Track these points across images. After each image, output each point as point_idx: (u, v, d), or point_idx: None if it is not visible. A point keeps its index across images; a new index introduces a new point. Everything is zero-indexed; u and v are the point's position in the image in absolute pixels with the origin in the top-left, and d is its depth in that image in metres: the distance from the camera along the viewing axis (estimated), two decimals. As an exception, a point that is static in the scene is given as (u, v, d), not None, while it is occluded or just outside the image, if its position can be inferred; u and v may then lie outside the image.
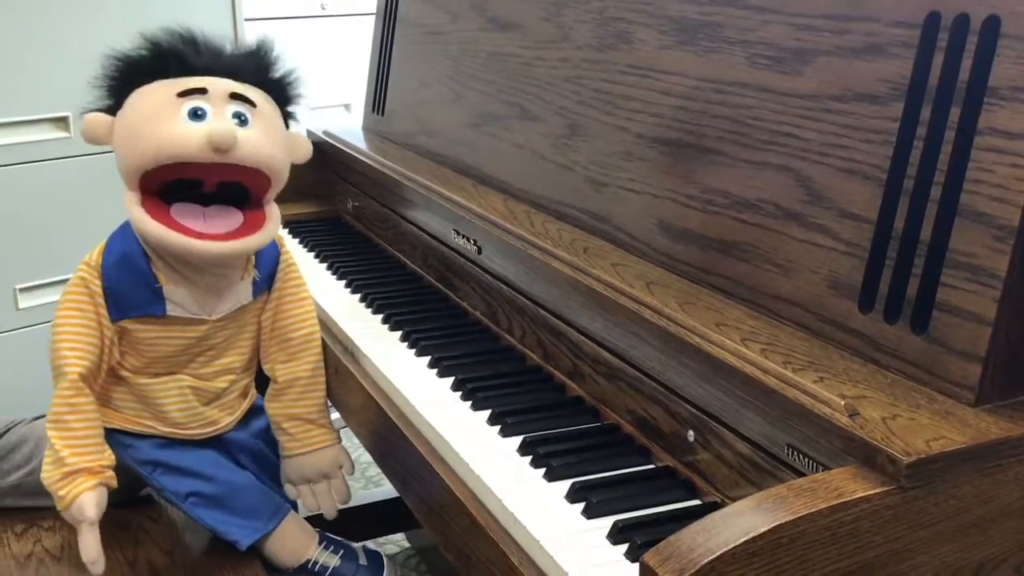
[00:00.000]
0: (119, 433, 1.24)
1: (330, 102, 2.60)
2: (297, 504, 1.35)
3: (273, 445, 1.33)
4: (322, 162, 1.79)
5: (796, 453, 0.84)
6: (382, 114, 1.81)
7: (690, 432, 0.97)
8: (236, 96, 1.14)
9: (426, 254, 1.52)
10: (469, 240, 1.34)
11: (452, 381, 1.18)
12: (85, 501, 1.15)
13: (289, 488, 1.31)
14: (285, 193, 1.22)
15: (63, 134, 1.93)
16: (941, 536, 0.76)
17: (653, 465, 1.01)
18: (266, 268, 1.26)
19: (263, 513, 1.26)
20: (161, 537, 1.30)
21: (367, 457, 2.12)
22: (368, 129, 1.87)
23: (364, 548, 1.35)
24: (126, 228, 1.19)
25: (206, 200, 1.15)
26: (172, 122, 1.11)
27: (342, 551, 1.31)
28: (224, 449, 1.29)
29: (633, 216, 1.15)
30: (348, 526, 1.38)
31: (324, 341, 1.32)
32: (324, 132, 1.82)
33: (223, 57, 1.18)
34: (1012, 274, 0.78)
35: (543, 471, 0.99)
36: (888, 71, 0.89)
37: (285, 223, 1.79)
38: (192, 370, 1.24)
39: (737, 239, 1.01)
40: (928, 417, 0.78)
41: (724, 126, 1.05)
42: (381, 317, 1.37)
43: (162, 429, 1.25)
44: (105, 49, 1.18)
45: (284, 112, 1.23)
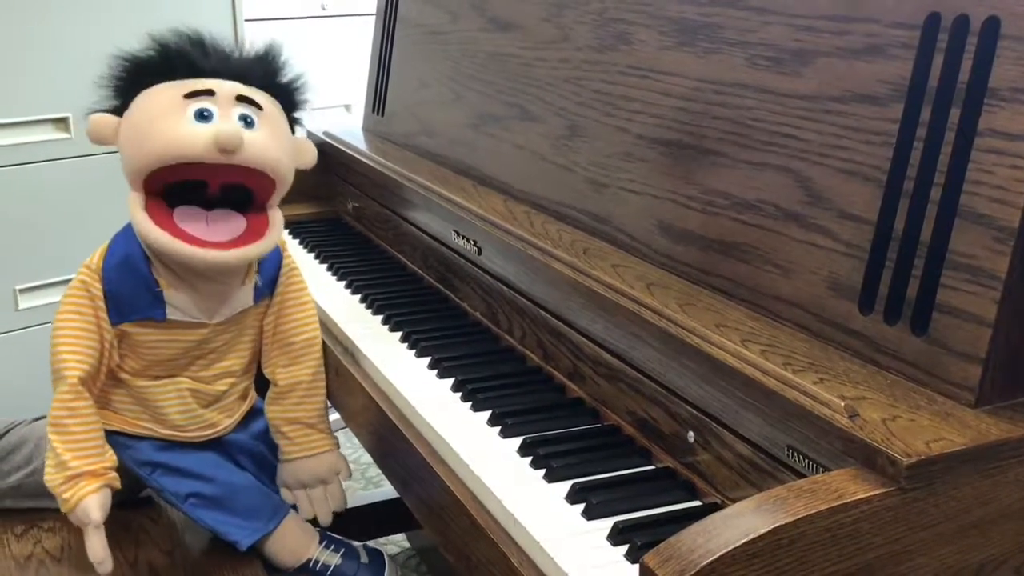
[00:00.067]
0: (118, 435, 1.24)
1: (330, 103, 2.60)
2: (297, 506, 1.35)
3: (273, 446, 1.32)
4: (322, 163, 1.78)
5: (796, 454, 0.84)
6: (382, 115, 1.81)
7: (690, 433, 0.97)
8: (242, 99, 1.15)
9: (426, 255, 1.52)
10: (469, 241, 1.34)
11: (452, 382, 1.18)
12: (89, 504, 1.15)
13: (285, 493, 1.31)
14: (285, 193, 1.22)
15: (63, 135, 1.93)
16: (941, 537, 0.76)
17: (653, 466, 1.01)
18: (268, 272, 1.26)
19: (263, 513, 1.27)
20: (161, 537, 1.30)
21: (367, 458, 2.12)
22: (368, 130, 1.87)
23: (365, 547, 1.35)
24: (128, 231, 1.19)
25: (210, 203, 1.15)
26: (178, 123, 1.11)
27: (343, 550, 1.31)
28: (224, 450, 1.29)
29: (633, 217, 1.15)
30: (348, 526, 1.38)
31: (324, 342, 1.32)
32: (324, 133, 1.82)
33: (231, 60, 1.18)
34: (1012, 275, 0.78)
35: (543, 472, 0.99)
36: (888, 72, 0.89)
37: (285, 224, 1.78)
38: (192, 373, 1.24)
39: (737, 240, 1.01)
40: (928, 418, 0.78)
41: (724, 127, 1.05)
42: (381, 318, 1.37)
43: (161, 431, 1.25)
44: (105, 50, 1.18)
45: (290, 118, 1.23)
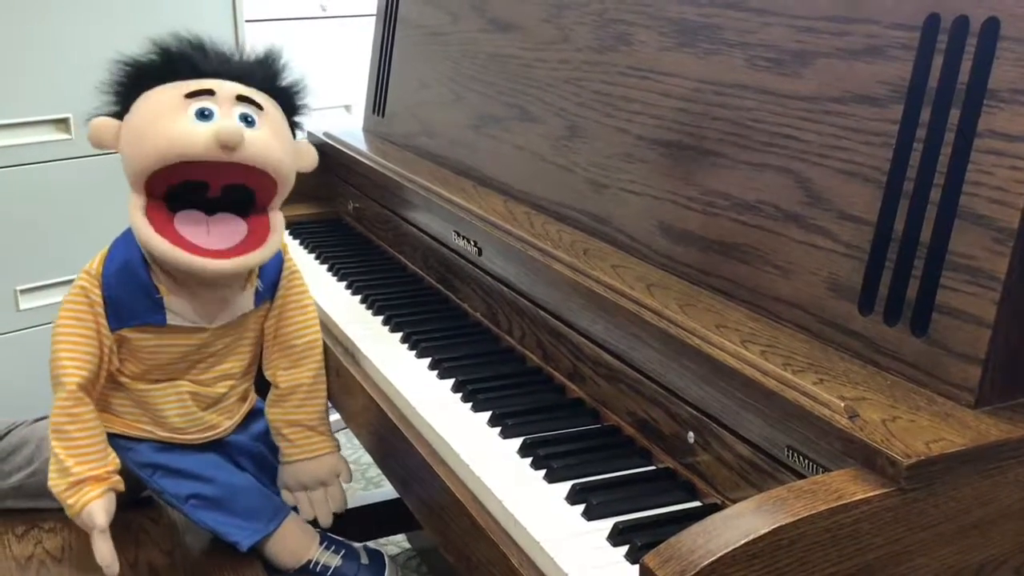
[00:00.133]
0: (118, 437, 1.24)
1: (330, 103, 2.60)
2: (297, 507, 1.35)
3: (273, 447, 1.33)
4: (323, 164, 1.77)
5: (796, 455, 0.84)
6: (382, 115, 1.82)
7: (690, 434, 0.97)
8: (243, 98, 1.15)
9: (426, 255, 1.52)
10: (469, 241, 1.34)
11: (452, 382, 1.18)
12: (94, 509, 1.15)
13: (286, 495, 1.31)
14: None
15: (64, 136, 1.93)
16: (941, 538, 0.76)
17: (653, 467, 1.02)
18: (269, 276, 1.26)
19: (263, 514, 1.27)
20: (162, 538, 1.30)
21: (368, 458, 2.12)
22: (368, 130, 1.87)
23: (365, 547, 1.35)
24: (128, 236, 1.18)
25: (211, 207, 1.15)
26: (179, 122, 1.11)
27: (343, 551, 1.31)
28: (224, 451, 1.30)
29: (633, 218, 1.15)
30: (348, 527, 1.38)
31: (325, 343, 1.32)
32: (324, 133, 1.82)
33: (231, 62, 1.19)
34: (1012, 276, 0.78)
35: (543, 472, 0.99)
36: (888, 73, 0.89)
37: (286, 224, 1.78)
38: (191, 376, 1.24)
39: (737, 241, 1.01)
40: (928, 419, 0.78)
41: (724, 128, 1.05)
42: (382, 318, 1.37)
43: (161, 434, 1.25)
44: (106, 51, 1.18)
45: (291, 121, 1.23)
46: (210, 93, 1.13)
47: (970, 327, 0.80)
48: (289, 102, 1.22)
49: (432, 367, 1.22)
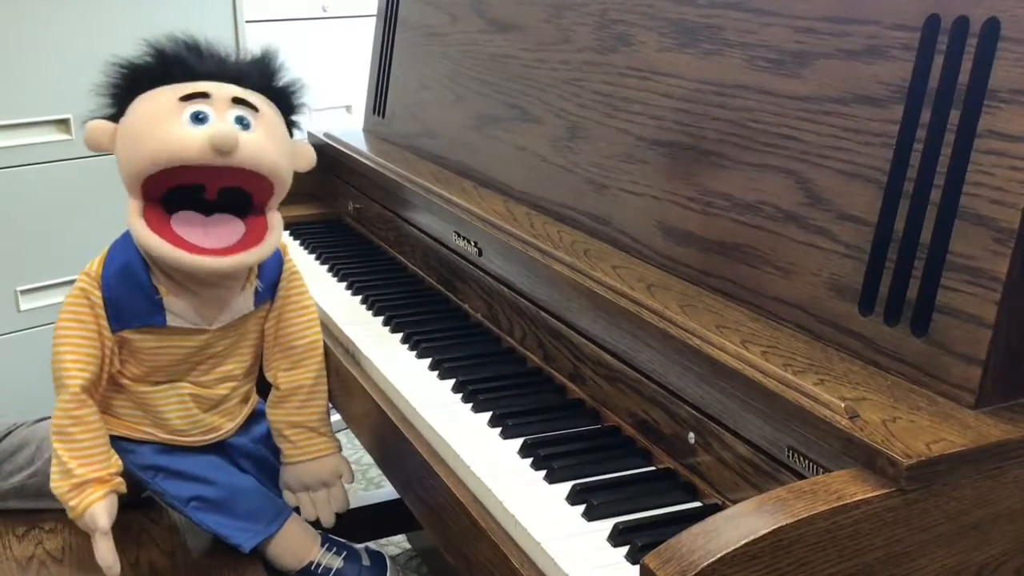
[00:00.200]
0: (120, 439, 1.24)
1: (331, 104, 2.60)
2: (299, 508, 1.35)
3: (274, 449, 1.33)
4: (323, 164, 1.78)
5: (796, 455, 0.84)
6: (383, 116, 1.82)
7: (691, 434, 0.97)
8: (238, 101, 1.14)
9: (427, 256, 1.52)
10: (470, 242, 1.34)
11: (453, 383, 1.18)
12: (97, 511, 1.16)
13: (288, 495, 1.31)
14: (286, 195, 1.22)
15: (64, 136, 1.93)
16: (941, 538, 0.76)
17: (654, 467, 1.02)
18: (269, 277, 1.26)
19: (265, 516, 1.27)
20: (163, 539, 1.30)
21: (368, 459, 2.12)
22: (369, 131, 1.87)
23: (367, 549, 1.35)
24: (127, 238, 1.18)
25: (208, 208, 1.14)
26: (173, 125, 1.11)
27: (345, 552, 1.31)
28: (225, 453, 1.30)
29: (634, 218, 1.15)
30: (349, 527, 1.38)
31: (325, 343, 1.32)
32: (325, 134, 1.82)
33: (227, 64, 1.18)
34: (1012, 276, 0.78)
35: (544, 473, 0.99)
36: (888, 74, 0.89)
37: (286, 225, 1.78)
38: (192, 378, 1.25)
39: (738, 241, 1.01)
40: (928, 419, 0.78)
41: (724, 128, 1.05)
42: (382, 319, 1.37)
43: (162, 436, 1.26)
44: (106, 52, 1.18)
45: (288, 121, 1.22)
46: (205, 96, 1.13)
47: (970, 327, 0.80)
48: (286, 102, 1.22)
49: (432, 367, 1.22)
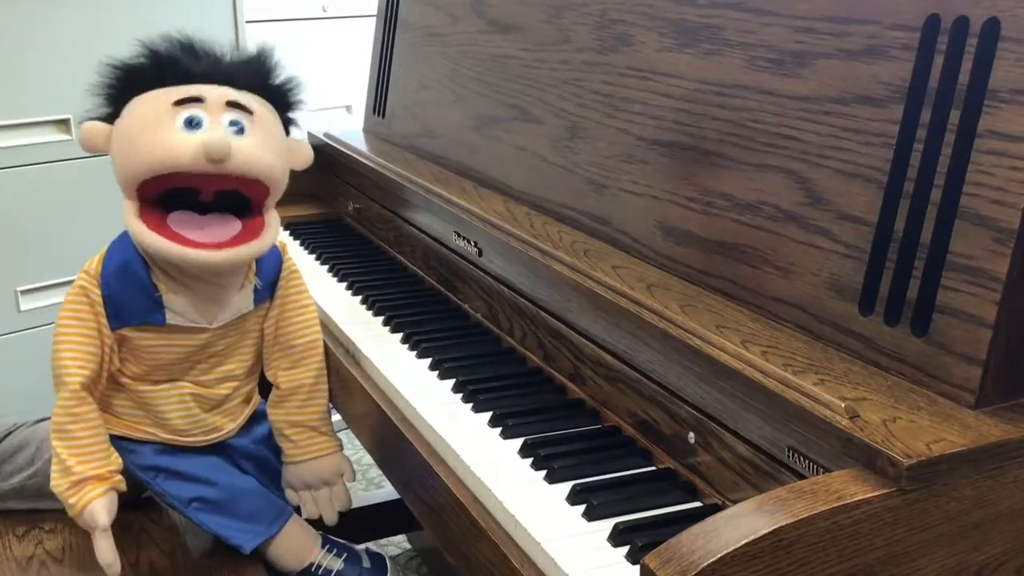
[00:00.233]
0: (120, 439, 1.24)
1: (331, 104, 2.60)
2: (300, 508, 1.35)
3: (275, 450, 1.33)
4: (323, 164, 1.79)
5: (797, 455, 0.84)
6: (383, 116, 1.82)
7: (691, 434, 0.97)
8: (233, 104, 1.14)
9: (427, 256, 1.52)
10: (470, 242, 1.34)
11: (453, 383, 1.18)
12: (96, 508, 1.15)
13: (290, 494, 1.32)
14: (286, 195, 1.22)
15: (65, 136, 1.93)
16: (941, 538, 0.76)
17: (654, 467, 1.02)
18: (268, 275, 1.26)
19: (266, 517, 1.27)
20: (163, 539, 1.30)
21: (368, 459, 2.12)
22: (369, 131, 1.87)
23: (367, 551, 1.35)
24: (125, 237, 1.18)
25: (204, 209, 1.14)
26: (167, 132, 1.10)
27: (345, 554, 1.31)
28: (226, 454, 1.30)
29: (634, 218, 1.15)
30: (349, 527, 1.38)
31: (326, 343, 1.32)
32: (325, 134, 1.82)
33: (221, 63, 1.18)
34: (1012, 276, 0.78)
35: (544, 473, 0.99)
36: (888, 74, 0.89)
37: (286, 225, 1.79)
38: (193, 377, 1.24)
39: (738, 241, 1.01)
40: (928, 419, 0.78)
41: (724, 128, 1.05)
42: (382, 319, 1.37)
43: (163, 436, 1.25)
44: (106, 51, 1.18)
45: (285, 118, 1.22)
46: (199, 100, 1.12)
47: (970, 327, 0.80)
48: (282, 100, 1.22)
49: (433, 368, 1.22)
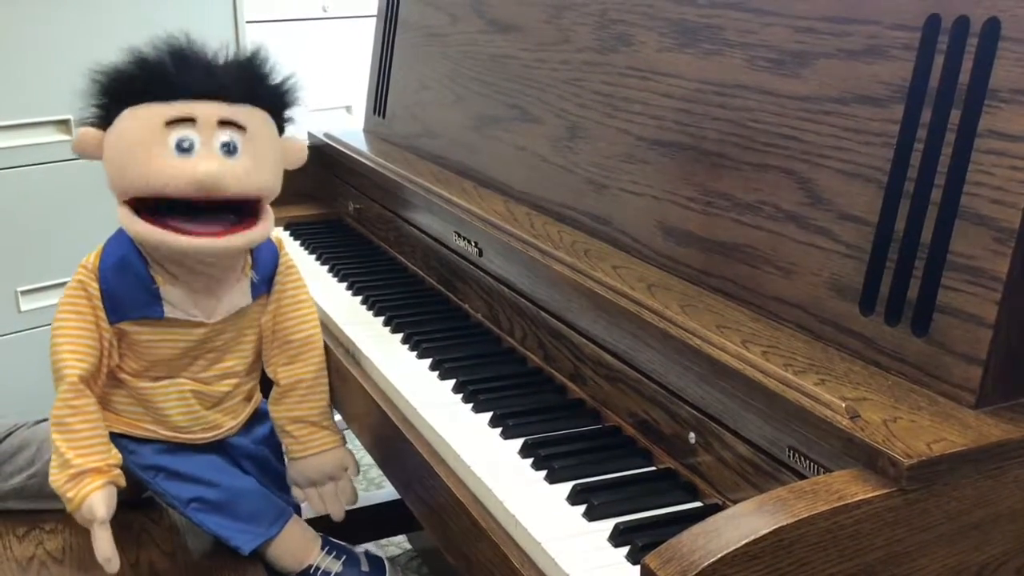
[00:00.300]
0: (121, 438, 1.24)
1: (331, 104, 2.60)
2: (300, 508, 1.35)
3: (276, 450, 1.33)
4: (323, 164, 1.79)
5: (797, 455, 0.84)
6: (383, 116, 1.82)
7: (691, 434, 0.97)
8: (225, 122, 1.13)
9: (427, 256, 1.52)
10: (470, 242, 1.34)
11: (453, 383, 1.18)
12: (94, 501, 1.15)
13: (296, 491, 1.31)
14: (286, 195, 1.22)
15: (65, 137, 1.93)
16: (942, 538, 0.76)
17: (654, 467, 1.02)
18: (264, 270, 1.26)
19: (265, 518, 1.26)
20: (163, 539, 1.30)
21: (369, 459, 2.11)
22: (369, 131, 1.87)
23: (367, 553, 1.35)
24: (122, 232, 1.18)
25: (198, 212, 1.14)
26: (158, 155, 1.10)
27: (344, 556, 1.31)
28: (227, 454, 1.29)
29: (634, 218, 1.15)
30: (350, 528, 1.38)
31: (326, 344, 1.32)
32: (325, 134, 1.82)
33: (213, 74, 1.15)
34: (1012, 276, 0.78)
35: (544, 473, 0.99)
36: (888, 73, 0.89)
37: (286, 225, 1.79)
38: (192, 374, 1.24)
39: (738, 241, 1.01)
40: (929, 419, 0.78)
41: (725, 128, 1.05)
42: (382, 319, 1.37)
43: (163, 433, 1.25)
44: (106, 52, 1.18)
45: (282, 117, 1.22)
46: (190, 120, 1.11)
47: (971, 327, 0.80)
48: (279, 101, 1.21)
49: (433, 368, 1.22)
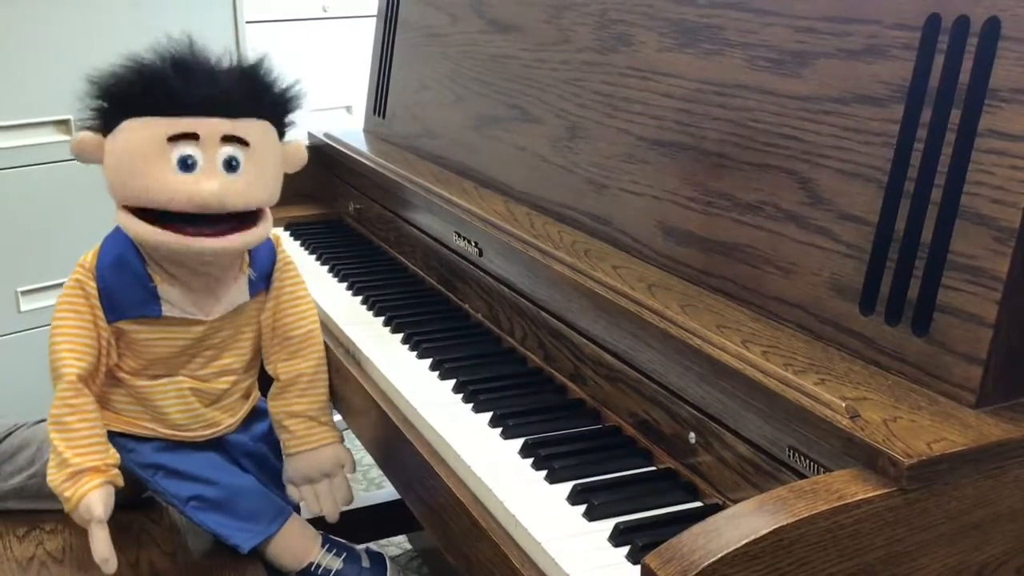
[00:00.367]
0: (120, 436, 1.24)
1: (331, 104, 2.60)
2: (300, 507, 1.35)
3: (275, 448, 1.33)
4: (323, 164, 1.79)
5: (797, 455, 0.84)
6: (383, 116, 1.82)
7: (691, 434, 0.97)
8: (228, 138, 1.12)
9: (427, 256, 1.52)
10: (470, 242, 1.34)
11: (454, 383, 1.18)
12: (92, 500, 1.15)
13: (291, 489, 1.31)
14: (286, 195, 1.22)
15: (65, 137, 1.93)
16: (942, 538, 0.76)
17: (654, 467, 1.01)
18: (262, 267, 1.26)
19: (265, 516, 1.26)
20: (163, 539, 1.30)
21: (369, 459, 2.12)
22: (369, 131, 1.87)
23: (367, 550, 1.35)
24: (120, 231, 1.18)
25: (198, 217, 1.14)
26: (161, 171, 1.10)
27: (345, 554, 1.31)
28: (226, 452, 1.29)
29: (634, 218, 1.15)
30: (350, 528, 1.38)
31: (326, 344, 1.32)
32: (325, 134, 1.82)
33: (216, 86, 1.14)
34: (1012, 276, 0.78)
35: (544, 473, 0.99)
36: (889, 73, 0.89)
37: (286, 225, 1.79)
38: (190, 371, 1.24)
39: (738, 241, 1.01)
40: (929, 419, 0.78)
41: (725, 128, 1.05)
42: (383, 319, 1.37)
43: (163, 431, 1.25)
44: (106, 52, 1.18)
45: (283, 123, 1.21)
46: (194, 137, 1.11)
47: (971, 327, 0.80)
48: (282, 109, 1.21)
49: (433, 368, 1.22)
